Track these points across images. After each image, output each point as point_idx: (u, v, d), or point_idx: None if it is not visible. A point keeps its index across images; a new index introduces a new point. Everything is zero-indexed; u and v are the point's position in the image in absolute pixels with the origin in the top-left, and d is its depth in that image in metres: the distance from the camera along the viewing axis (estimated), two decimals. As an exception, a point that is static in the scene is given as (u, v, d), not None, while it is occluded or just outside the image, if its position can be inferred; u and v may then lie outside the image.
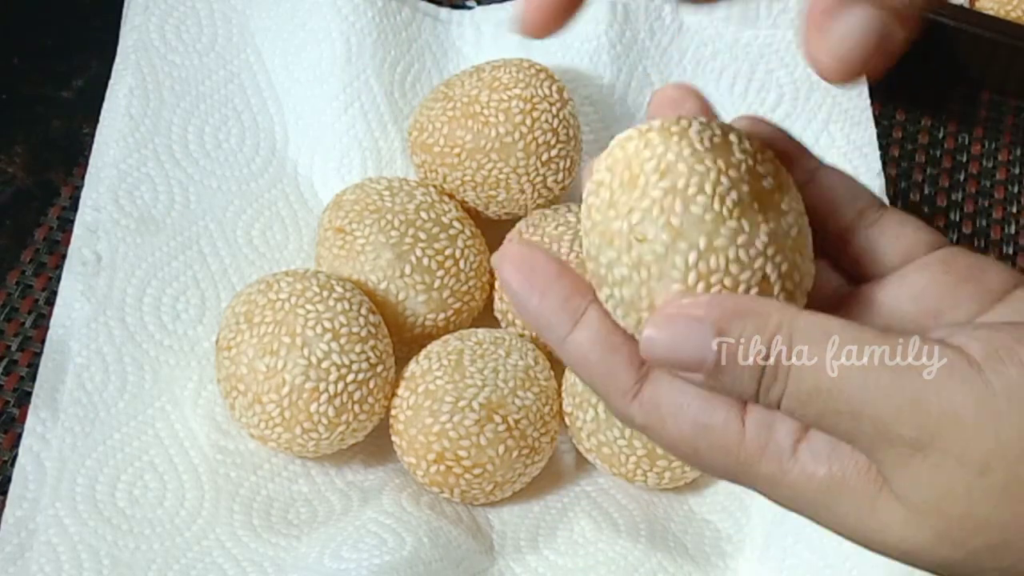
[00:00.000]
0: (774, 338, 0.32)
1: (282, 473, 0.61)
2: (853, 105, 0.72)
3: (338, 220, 0.65)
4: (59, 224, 0.71)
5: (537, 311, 0.34)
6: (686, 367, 0.32)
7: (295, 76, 0.73)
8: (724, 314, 0.32)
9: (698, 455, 0.34)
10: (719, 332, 0.32)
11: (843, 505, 0.33)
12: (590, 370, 0.34)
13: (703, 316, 0.32)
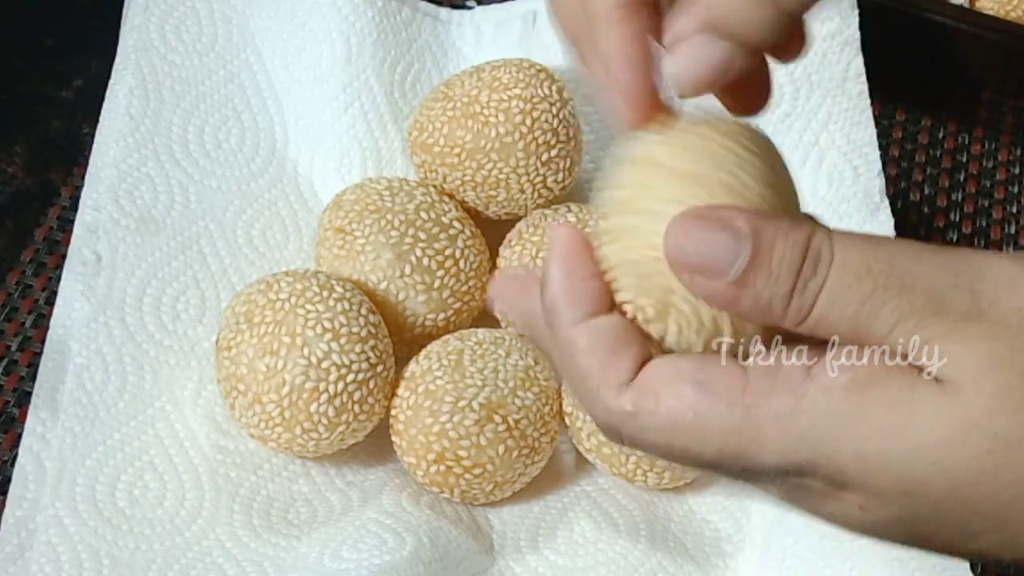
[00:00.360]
0: (812, 235, 0.31)
1: (282, 473, 0.61)
2: (853, 105, 0.72)
3: (338, 220, 0.65)
4: (59, 224, 0.71)
5: (553, 293, 0.34)
6: (715, 269, 0.31)
7: (295, 76, 0.73)
8: (756, 216, 0.31)
9: (699, 422, 0.31)
10: (754, 230, 0.31)
11: (875, 408, 0.30)
12: (590, 359, 0.33)
13: (735, 218, 0.31)
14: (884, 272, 0.30)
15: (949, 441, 0.29)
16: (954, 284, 0.30)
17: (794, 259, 0.30)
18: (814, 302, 0.30)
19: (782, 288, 0.31)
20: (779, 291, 0.31)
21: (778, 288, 0.31)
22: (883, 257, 0.30)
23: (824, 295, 0.30)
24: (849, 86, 0.72)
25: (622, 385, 0.33)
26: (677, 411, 0.32)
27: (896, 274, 0.30)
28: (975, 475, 0.29)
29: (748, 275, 0.31)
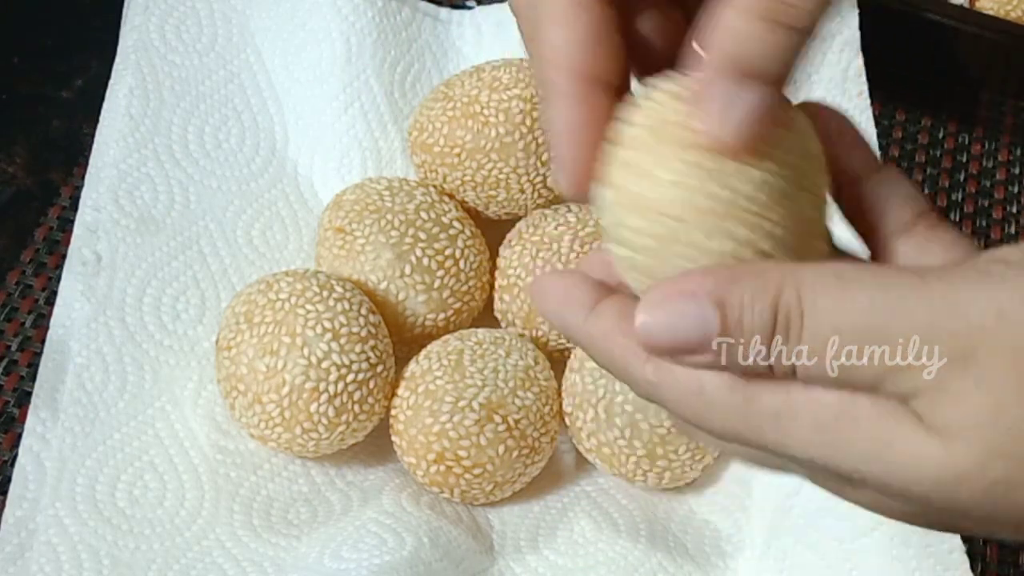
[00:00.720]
0: (780, 295, 0.30)
1: (282, 473, 0.61)
2: (853, 105, 0.72)
3: (338, 220, 0.65)
4: (59, 224, 0.71)
5: (567, 283, 0.34)
6: (690, 347, 0.30)
7: (295, 76, 0.73)
8: (719, 282, 0.30)
9: (703, 398, 0.31)
10: (718, 302, 0.30)
11: (858, 441, 0.30)
12: (609, 344, 0.33)
13: (696, 289, 0.30)
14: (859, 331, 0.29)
15: (942, 482, 0.29)
16: (932, 335, 0.29)
17: (765, 326, 0.30)
18: (793, 371, 0.30)
19: (760, 355, 0.30)
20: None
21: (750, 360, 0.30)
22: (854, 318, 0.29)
23: (806, 354, 0.30)
24: (849, 86, 0.72)
25: (647, 357, 0.32)
26: (687, 384, 0.32)
27: (872, 332, 0.29)
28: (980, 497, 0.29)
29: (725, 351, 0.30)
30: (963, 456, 0.29)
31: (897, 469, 0.30)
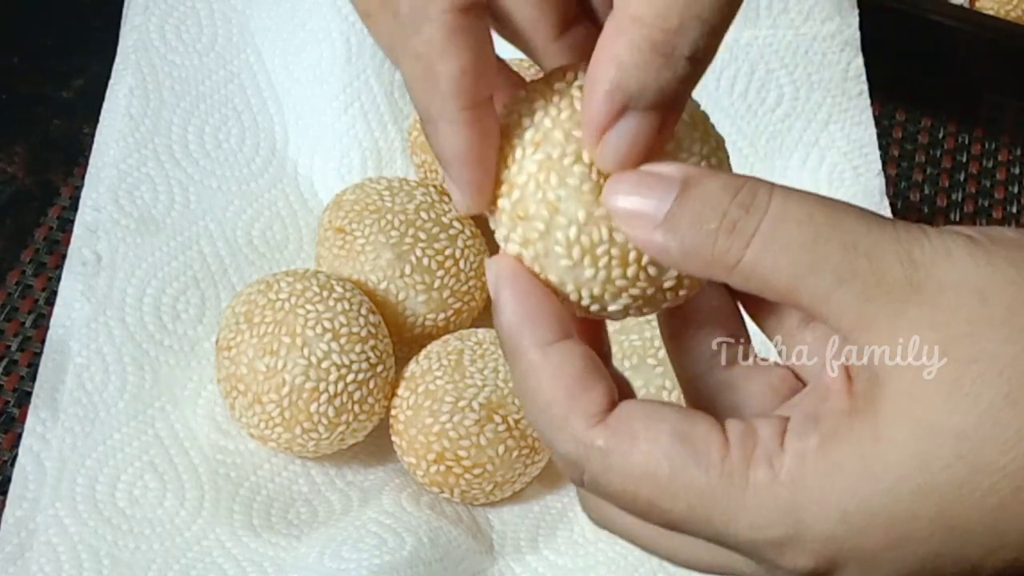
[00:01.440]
0: (749, 180, 0.30)
1: (282, 473, 0.61)
2: (853, 105, 0.72)
3: (338, 220, 0.65)
4: (59, 224, 0.71)
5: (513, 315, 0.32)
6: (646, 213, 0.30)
7: (295, 76, 0.73)
8: (692, 167, 0.31)
9: (673, 475, 0.30)
10: (684, 176, 0.30)
11: (848, 459, 0.29)
12: (558, 384, 0.31)
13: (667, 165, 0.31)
14: (827, 224, 0.29)
15: (921, 457, 0.28)
16: (894, 249, 0.29)
17: (722, 199, 0.29)
18: (746, 245, 0.29)
19: (707, 225, 0.29)
20: (704, 230, 0.30)
21: (702, 227, 0.30)
22: (826, 211, 0.29)
23: (758, 239, 0.29)
24: (849, 86, 0.72)
25: (594, 417, 0.31)
26: (652, 458, 0.30)
27: (839, 228, 0.29)
28: (955, 489, 0.28)
29: (673, 217, 0.30)
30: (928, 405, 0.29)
31: (885, 473, 0.29)
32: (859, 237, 0.29)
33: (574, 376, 0.31)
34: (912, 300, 0.29)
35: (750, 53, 0.74)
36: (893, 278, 0.29)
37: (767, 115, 0.72)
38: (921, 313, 0.29)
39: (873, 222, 0.29)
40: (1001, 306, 0.28)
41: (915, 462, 0.28)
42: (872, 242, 0.29)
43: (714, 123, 0.35)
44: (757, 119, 0.72)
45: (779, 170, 0.71)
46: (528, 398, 0.32)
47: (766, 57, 0.73)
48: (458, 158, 0.32)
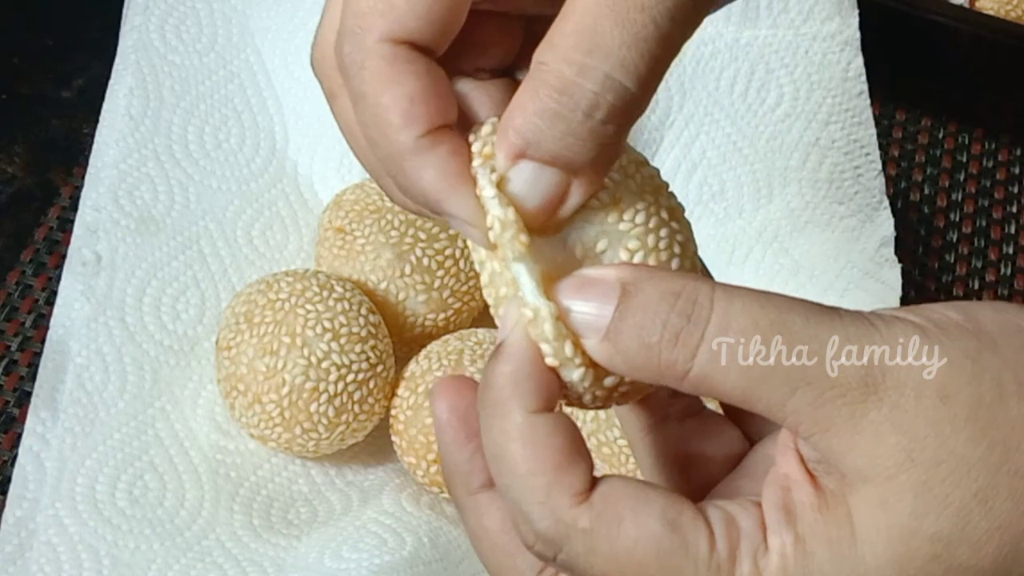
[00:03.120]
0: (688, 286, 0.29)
1: (282, 473, 0.61)
2: (853, 105, 0.72)
3: (338, 220, 0.65)
4: (59, 224, 0.71)
5: (528, 370, 0.30)
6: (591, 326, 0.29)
7: (295, 76, 0.73)
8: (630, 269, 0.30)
9: (660, 564, 0.29)
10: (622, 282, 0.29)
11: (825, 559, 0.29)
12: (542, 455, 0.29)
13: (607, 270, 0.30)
14: (773, 330, 0.28)
15: (898, 560, 0.28)
16: (846, 349, 0.28)
17: (661, 308, 0.29)
18: (692, 356, 0.29)
19: (650, 339, 0.29)
20: (647, 343, 0.29)
21: (644, 340, 0.29)
22: (771, 314, 0.28)
23: (703, 351, 0.28)
24: (849, 86, 0.72)
25: (578, 495, 0.29)
26: (640, 545, 0.29)
27: (787, 333, 0.28)
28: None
29: (615, 331, 0.29)
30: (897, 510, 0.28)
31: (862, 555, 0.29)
32: (807, 340, 0.28)
33: (560, 449, 0.29)
34: (871, 401, 0.28)
35: (750, 53, 0.74)
36: (848, 379, 0.28)
37: (767, 115, 0.72)
38: (881, 415, 0.28)
39: (821, 320, 0.29)
40: (963, 404, 0.28)
41: (892, 565, 0.28)
42: (821, 344, 0.28)
43: (715, 122, 0.35)
44: (757, 119, 0.72)
45: (779, 170, 0.71)
46: (505, 463, 0.30)
47: (766, 57, 0.73)
48: (440, 188, 0.31)
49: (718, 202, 0.71)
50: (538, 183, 0.30)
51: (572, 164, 0.30)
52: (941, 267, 0.75)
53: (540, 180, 0.30)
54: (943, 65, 0.79)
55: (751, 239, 0.69)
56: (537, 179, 0.30)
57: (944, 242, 0.76)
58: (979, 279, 0.74)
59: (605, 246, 0.31)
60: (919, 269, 0.74)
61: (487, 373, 0.30)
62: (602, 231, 0.31)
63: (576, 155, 0.29)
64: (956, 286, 0.74)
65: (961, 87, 0.81)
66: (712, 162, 0.72)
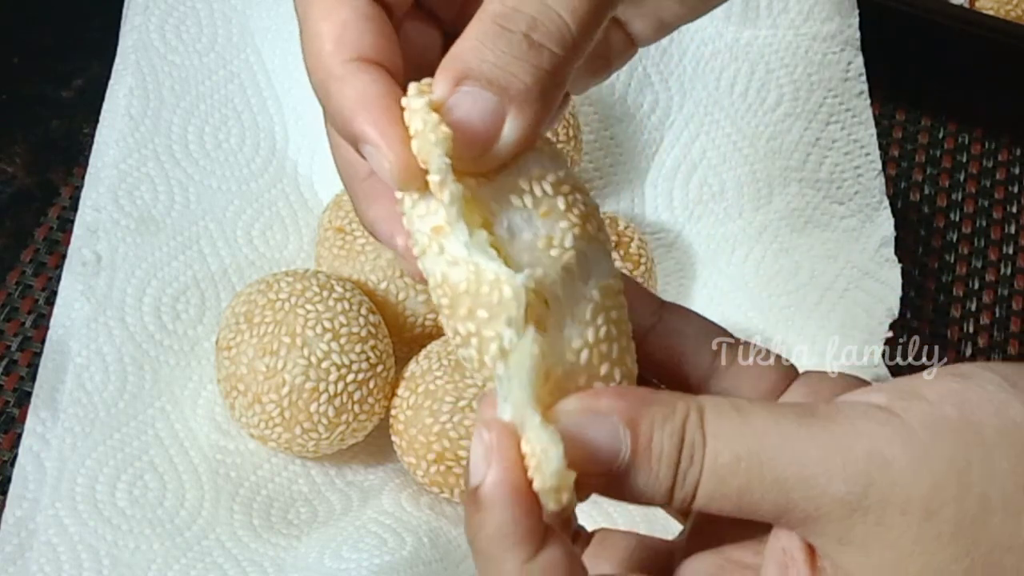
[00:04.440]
0: (686, 419, 0.30)
1: (282, 473, 0.61)
2: (853, 105, 0.72)
3: (338, 220, 0.65)
4: (59, 224, 0.71)
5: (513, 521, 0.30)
6: (603, 463, 0.30)
7: (295, 76, 0.73)
8: (631, 405, 0.30)
9: None
10: (630, 423, 0.30)
11: None
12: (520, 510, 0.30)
13: (606, 407, 0.30)
14: (755, 463, 0.29)
15: None
16: (825, 469, 0.29)
17: (672, 452, 0.30)
18: (694, 493, 0.30)
19: (664, 485, 0.30)
20: (661, 487, 0.30)
21: (660, 484, 0.30)
22: (751, 443, 0.29)
23: (702, 488, 0.30)
24: (849, 86, 0.72)
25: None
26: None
27: (768, 465, 0.29)
28: None
29: (630, 472, 0.30)
30: None
31: None
32: (787, 466, 0.29)
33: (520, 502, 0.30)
34: (856, 516, 0.29)
35: (750, 53, 0.74)
36: (832, 498, 0.29)
37: (767, 115, 0.72)
38: (867, 530, 0.29)
39: (798, 439, 0.29)
40: (947, 522, 0.29)
41: None
42: (801, 466, 0.29)
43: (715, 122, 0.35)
44: (757, 119, 0.72)
45: (779, 170, 0.71)
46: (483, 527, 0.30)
47: (766, 57, 0.73)
48: (356, 107, 0.31)
49: (718, 202, 0.71)
50: (475, 107, 0.31)
51: (509, 88, 0.30)
52: (941, 267, 0.75)
53: (478, 104, 0.31)
54: (943, 65, 0.79)
55: (751, 239, 0.69)
56: (475, 103, 0.31)
57: (944, 242, 0.76)
58: (979, 279, 0.74)
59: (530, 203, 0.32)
60: (919, 269, 0.74)
61: (469, 521, 0.31)
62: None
63: (513, 78, 0.30)
64: (956, 286, 0.74)
65: (961, 87, 0.81)
66: (712, 162, 0.72)
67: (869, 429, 0.29)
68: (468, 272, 0.31)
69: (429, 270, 0.32)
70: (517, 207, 0.32)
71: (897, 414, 0.29)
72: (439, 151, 0.30)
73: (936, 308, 0.73)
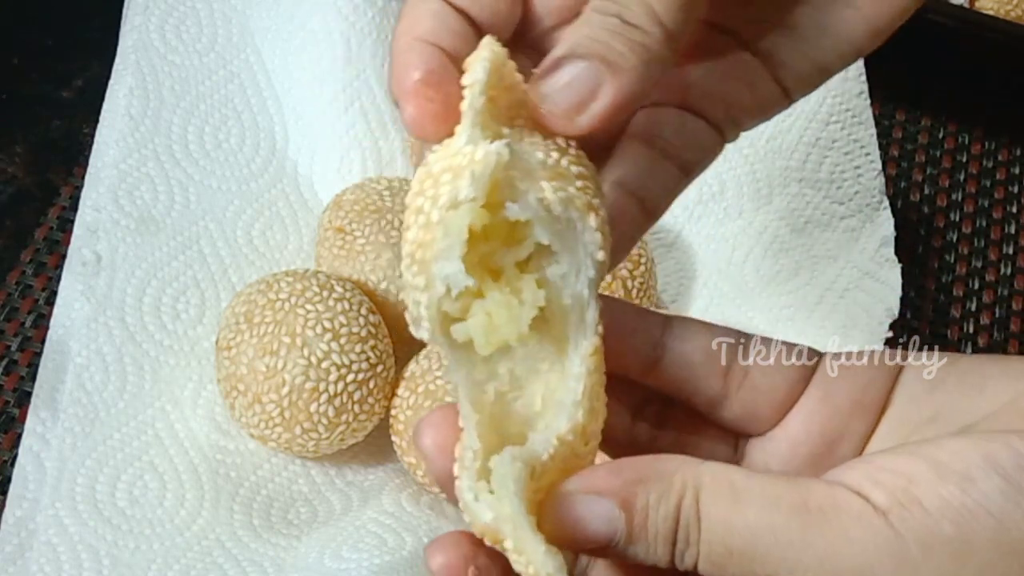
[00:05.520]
0: (681, 501, 0.31)
1: (282, 473, 0.61)
2: (853, 104, 0.72)
3: (338, 220, 0.65)
4: (59, 224, 0.71)
5: None
6: (600, 541, 0.31)
7: (295, 76, 0.73)
8: (625, 484, 0.31)
9: None
10: (624, 504, 0.31)
11: None
12: None
13: (603, 489, 0.31)
14: (747, 560, 0.30)
15: None
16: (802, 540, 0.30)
17: (667, 534, 0.31)
18: (695, 566, 0.31)
19: (662, 559, 0.31)
20: (660, 561, 0.31)
21: (658, 559, 0.31)
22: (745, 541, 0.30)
23: (700, 567, 0.31)
24: (849, 86, 0.72)
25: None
26: None
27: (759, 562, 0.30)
28: None
29: (629, 545, 0.31)
30: None
31: None
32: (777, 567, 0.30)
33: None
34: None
35: (750, 53, 0.73)
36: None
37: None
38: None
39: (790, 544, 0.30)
40: None
41: None
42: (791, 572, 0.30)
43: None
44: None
45: (779, 170, 0.71)
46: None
47: (766, 57, 0.73)
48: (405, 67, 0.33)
49: (718, 202, 0.71)
50: (573, 73, 0.32)
51: (606, 56, 0.32)
52: (941, 267, 0.75)
53: (576, 70, 0.32)
54: (943, 65, 0.79)
55: (751, 239, 0.69)
56: (573, 69, 0.32)
57: (944, 242, 0.76)
58: (979, 279, 0.74)
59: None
60: (919, 269, 0.74)
61: None
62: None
63: (608, 48, 0.33)
64: (956, 286, 0.74)
65: (961, 87, 0.81)
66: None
67: (862, 539, 0.29)
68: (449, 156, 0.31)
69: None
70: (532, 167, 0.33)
71: (892, 524, 0.29)
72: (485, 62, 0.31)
73: (936, 308, 0.73)
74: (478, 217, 0.31)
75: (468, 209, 0.30)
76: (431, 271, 0.31)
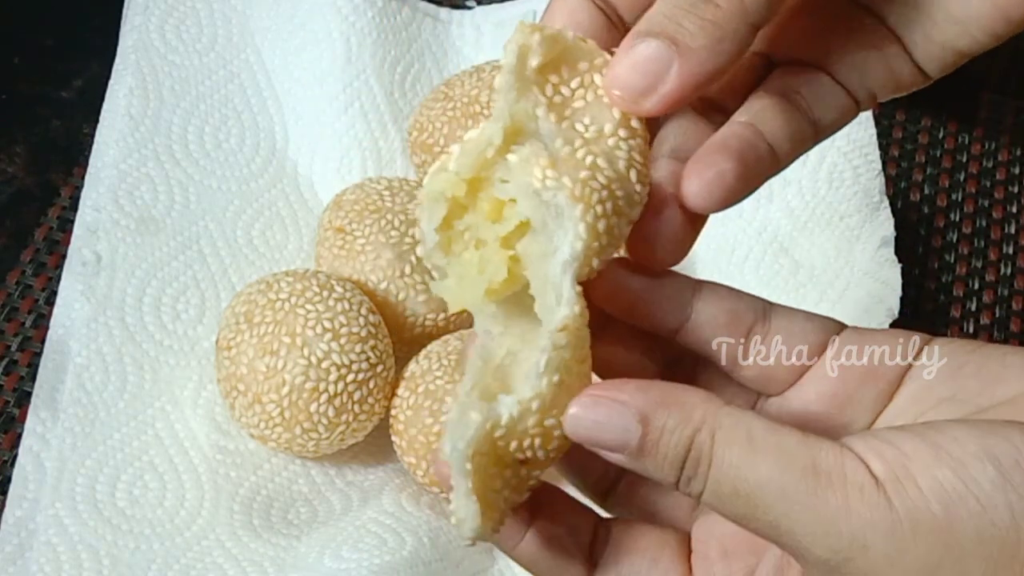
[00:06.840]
0: (697, 433, 0.32)
1: (282, 473, 0.61)
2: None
3: (338, 220, 0.65)
4: (59, 224, 0.71)
5: None
6: (609, 448, 0.32)
7: (295, 76, 0.73)
8: (649, 402, 0.32)
9: None
10: (643, 419, 0.32)
11: None
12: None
13: (627, 401, 0.32)
14: (751, 505, 0.31)
15: None
16: (812, 535, 0.31)
17: (676, 460, 0.32)
18: (700, 496, 0.32)
19: (668, 477, 0.32)
20: (665, 480, 0.32)
21: (664, 478, 0.32)
22: (752, 487, 0.31)
23: (704, 498, 0.32)
24: (849, 86, 0.72)
25: None
26: None
27: (762, 509, 0.31)
28: None
29: (638, 458, 0.32)
30: None
31: None
32: (780, 517, 0.31)
33: None
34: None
35: (750, 53, 0.73)
36: (815, 557, 0.31)
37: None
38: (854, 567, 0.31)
39: (795, 503, 0.31)
40: None
41: None
42: (792, 522, 0.31)
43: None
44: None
45: (779, 170, 0.71)
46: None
47: (766, 57, 0.73)
48: None
49: (718, 202, 0.71)
50: (645, 51, 0.33)
51: (676, 36, 0.33)
52: (941, 267, 0.75)
53: (648, 49, 0.33)
54: (943, 65, 0.79)
55: (751, 239, 0.69)
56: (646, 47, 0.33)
57: (944, 242, 0.76)
58: (979, 279, 0.74)
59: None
60: (919, 269, 0.74)
61: None
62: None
63: (680, 27, 0.33)
64: (956, 286, 0.74)
65: (961, 87, 0.81)
66: (712, 162, 0.72)
67: (859, 511, 0.30)
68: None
69: None
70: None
71: (888, 498, 0.30)
72: (513, 46, 0.33)
73: (936, 308, 0.73)
74: (454, 188, 0.34)
75: (444, 179, 0.34)
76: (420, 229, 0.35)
